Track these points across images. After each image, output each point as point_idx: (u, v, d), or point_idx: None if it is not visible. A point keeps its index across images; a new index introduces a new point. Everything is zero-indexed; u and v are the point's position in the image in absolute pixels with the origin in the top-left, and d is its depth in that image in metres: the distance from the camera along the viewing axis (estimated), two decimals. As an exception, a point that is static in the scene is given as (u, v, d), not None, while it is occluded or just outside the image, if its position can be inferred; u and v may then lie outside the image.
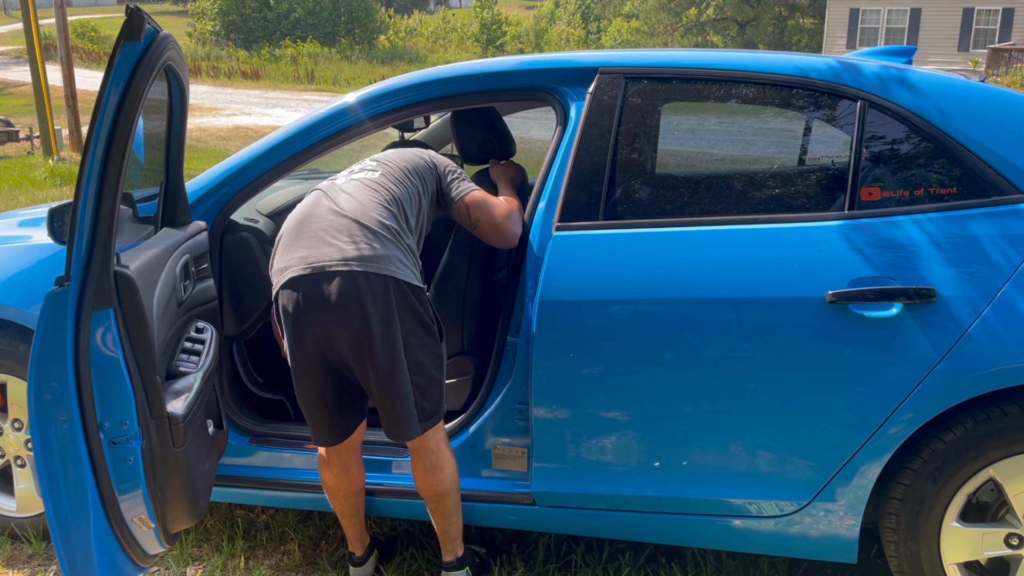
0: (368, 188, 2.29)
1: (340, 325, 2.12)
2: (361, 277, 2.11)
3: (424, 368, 2.21)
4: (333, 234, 2.17)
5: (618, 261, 2.17)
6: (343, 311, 2.10)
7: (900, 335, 2.01)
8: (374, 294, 2.11)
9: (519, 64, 2.50)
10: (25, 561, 2.66)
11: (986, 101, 2.16)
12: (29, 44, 12.04)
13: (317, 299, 2.12)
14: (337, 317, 2.11)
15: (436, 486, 2.30)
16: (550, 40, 38.41)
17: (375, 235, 2.17)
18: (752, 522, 2.23)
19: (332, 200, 2.26)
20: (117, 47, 1.81)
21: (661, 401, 2.17)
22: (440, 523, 2.38)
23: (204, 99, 21.17)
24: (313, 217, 2.23)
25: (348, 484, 2.38)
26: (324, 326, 2.13)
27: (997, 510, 2.12)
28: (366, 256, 2.13)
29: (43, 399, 1.84)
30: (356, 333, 2.11)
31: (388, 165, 2.40)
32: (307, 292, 2.13)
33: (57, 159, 11.46)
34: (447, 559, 2.42)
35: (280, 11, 36.69)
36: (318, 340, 2.15)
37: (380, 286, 2.12)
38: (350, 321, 2.10)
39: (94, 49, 33.14)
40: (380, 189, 2.29)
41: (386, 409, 2.20)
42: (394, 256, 2.17)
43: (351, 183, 2.32)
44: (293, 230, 2.24)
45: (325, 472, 2.38)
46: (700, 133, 5.16)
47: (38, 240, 2.63)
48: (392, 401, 2.18)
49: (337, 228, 2.18)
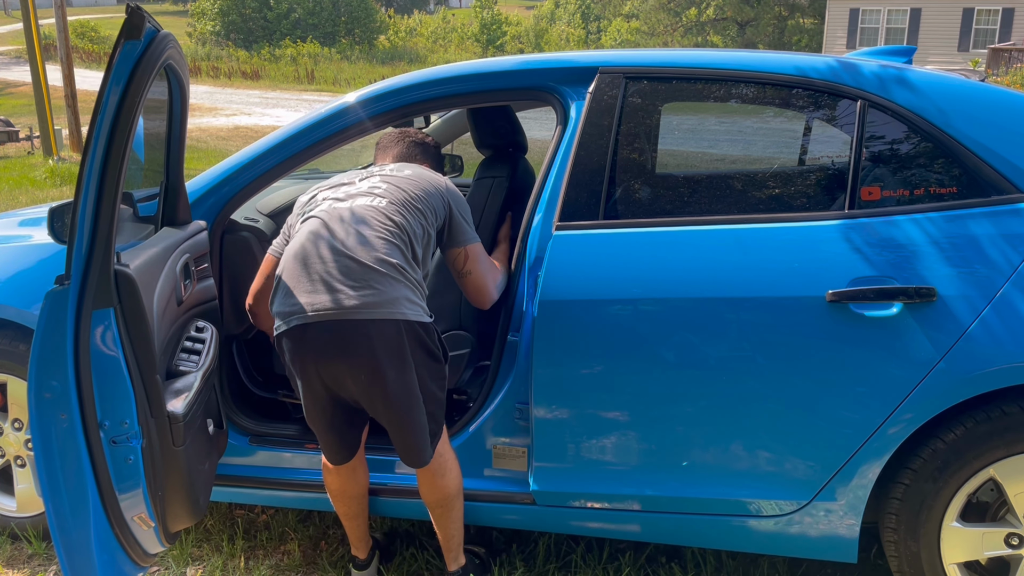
0: (372, 219, 2.15)
1: (350, 373, 2.09)
2: (371, 325, 2.05)
3: (434, 395, 2.21)
4: (339, 277, 2.07)
5: (618, 261, 2.17)
6: (353, 359, 2.07)
7: (900, 334, 2.01)
8: (385, 341, 2.06)
9: (519, 64, 2.50)
10: (25, 561, 2.66)
11: (986, 101, 2.16)
12: (29, 44, 12.04)
13: (325, 347, 2.07)
14: (347, 365, 2.08)
15: (443, 489, 2.29)
16: (550, 40, 38.41)
17: (382, 277, 2.08)
18: (752, 521, 2.23)
19: (333, 234, 2.13)
20: (117, 46, 1.81)
21: (661, 401, 2.17)
22: (445, 530, 2.35)
23: (204, 99, 21.18)
24: (315, 256, 2.11)
25: (355, 486, 2.37)
26: (333, 372, 2.10)
27: (997, 510, 2.12)
28: (373, 303, 2.05)
29: (43, 398, 1.84)
30: (367, 380, 2.09)
31: (397, 190, 2.24)
32: (314, 340, 2.08)
33: (57, 159, 11.46)
34: (452, 568, 2.40)
35: (280, 11, 36.69)
36: (326, 383, 2.14)
37: (392, 331, 2.07)
38: (360, 369, 2.08)
39: (94, 49, 33.14)
40: (385, 220, 2.16)
41: (402, 440, 2.20)
42: (402, 297, 2.09)
43: (354, 211, 2.17)
44: (294, 270, 2.13)
45: (331, 476, 2.36)
46: (700, 133, 5.16)
47: (38, 240, 2.63)
48: (408, 433, 2.18)
49: (342, 271, 2.07)
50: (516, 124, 2.90)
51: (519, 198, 2.76)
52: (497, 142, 2.91)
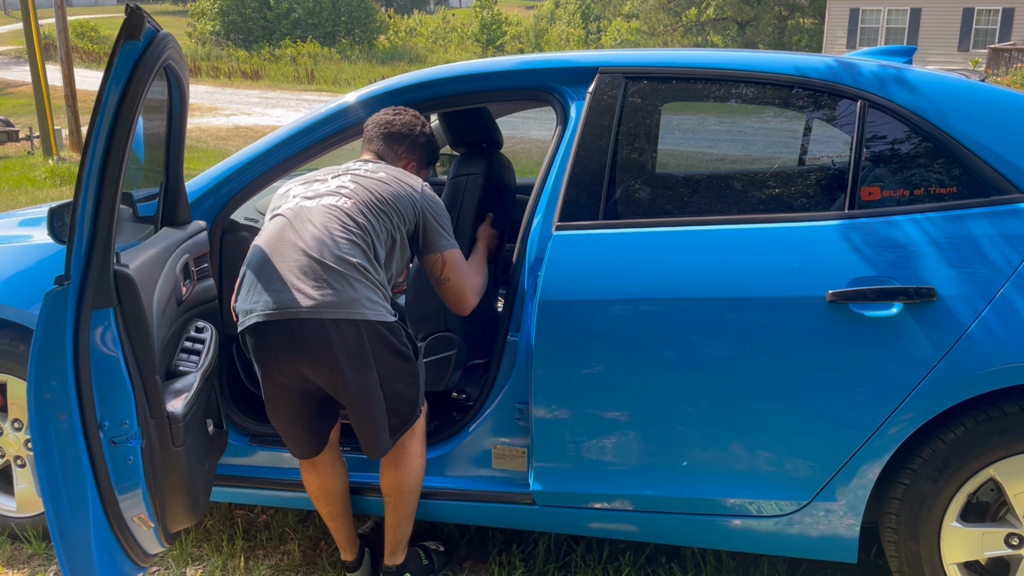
0: (335, 219, 2.15)
1: (310, 368, 2.12)
2: (331, 325, 2.07)
3: (398, 392, 2.22)
4: (300, 276, 2.09)
5: (618, 261, 2.17)
6: (312, 357, 2.10)
7: (900, 335, 2.01)
8: (345, 340, 2.08)
9: (519, 64, 2.50)
10: (25, 561, 2.66)
11: (985, 100, 2.16)
12: (29, 44, 12.04)
13: (285, 345, 2.10)
14: (306, 361, 2.11)
15: (397, 479, 2.31)
16: (550, 40, 38.41)
17: (342, 277, 2.09)
18: (752, 522, 2.23)
19: (297, 233, 2.14)
20: (117, 46, 1.81)
21: (661, 401, 2.17)
22: (391, 520, 2.36)
23: (204, 99, 21.17)
24: (277, 254, 2.14)
25: (336, 482, 2.39)
26: (294, 367, 2.13)
27: (997, 510, 2.12)
28: (333, 302, 2.08)
29: (43, 398, 1.84)
30: (326, 376, 2.13)
31: (363, 191, 2.22)
32: (275, 337, 2.11)
33: (57, 159, 11.46)
34: (387, 563, 2.41)
35: (280, 11, 36.69)
36: (288, 376, 2.16)
37: (351, 331, 2.09)
38: (319, 366, 2.11)
39: (94, 49, 33.13)
40: (347, 220, 2.16)
41: (360, 431, 2.23)
42: (363, 297, 2.11)
43: (318, 210, 2.18)
44: (256, 267, 2.15)
45: (311, 476, 2.38)
46: (700, 133, 5.15)
47: (38, 240, 2.63)
48: (365, 426, 2.20)
49: (304, 270, 2.09)
50: (488, 119, 2.82)
51: (496, 195, 2.73)
52: (470, 139, 2.83)
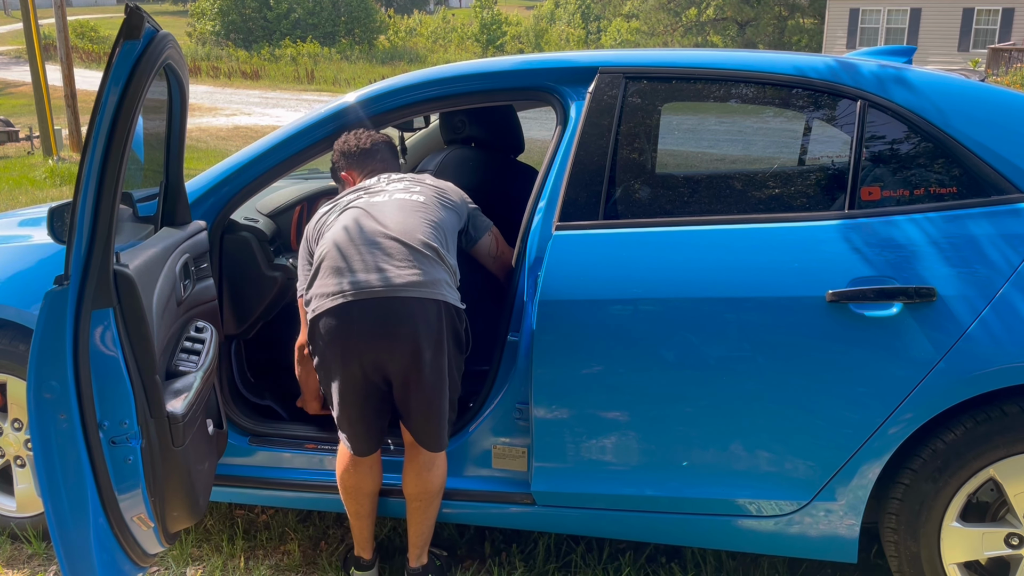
0: (413, 209, 2.26)
1: (389, 351, 2.13)
2: (416, 303, 2.11)
3: (456, 383, 2.26)
4: (385, 257, 2.15)
5: (618, 261, 2.17)
6: (396, 337, 2.11)
7: (900, 334, 2.01)
8: (427, 320, 2.12)
9: (519, 64, 2.50)
10: (25, 561, 2.66)
11: (985, 100, 2.16)
12: (29, 44, 12.03)
13: (369, 325, 2.11)
14: (388, 343, 2.12)
15: (428, 483, 2.31)
16: (550, 40, 38.40)
17: (425, 258, 2.16)
18: (752, 522, 2.23)
19: (377, 221, 2.21)
20: (116, 46, 1.81)
21: (661, 401, 2.17)
22: (418, 525, 2.37)
23: (204, 99, 21.16)
24: (360, 239, 2.19)
25: (371, 482, 2.38)
26: (374, 351, 2.14)
27: (997, 510, 2.12)
28: (420, 281, 2.13)
29: (43, 398, 1.83)
30: (407, 359, 2.13)
31: (431, 188, 2.37)
32: (359, 318, 2.12)
33: (57, 159, 11.45)
34: (413, 565, 2.42)
35: (280, 11, 36.66)
36: (364, 364, 2.16)
37: (433, 311, 2.14)
38: (402, 347, 2.12)
39: (94, 49, 33.11)
40: (425, 211, 2.27)
41: (425, 423, 2.23)
42: (442, 279, 2.18)
43: (393, 202, 2.28)
44: (339, 251, 2.18)
45: (350, 473, 2.35)
46: (700, 133, 5.15)
47: (38, 240, 2.63)
48: (432, 418, 2.22)
49: (388, 251, 2.16)
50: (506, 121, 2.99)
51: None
52: (456, 138, 2.99)
